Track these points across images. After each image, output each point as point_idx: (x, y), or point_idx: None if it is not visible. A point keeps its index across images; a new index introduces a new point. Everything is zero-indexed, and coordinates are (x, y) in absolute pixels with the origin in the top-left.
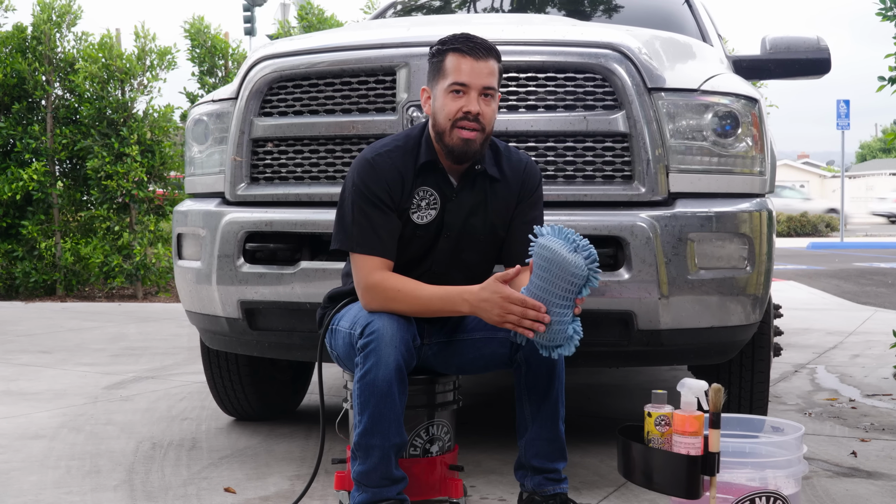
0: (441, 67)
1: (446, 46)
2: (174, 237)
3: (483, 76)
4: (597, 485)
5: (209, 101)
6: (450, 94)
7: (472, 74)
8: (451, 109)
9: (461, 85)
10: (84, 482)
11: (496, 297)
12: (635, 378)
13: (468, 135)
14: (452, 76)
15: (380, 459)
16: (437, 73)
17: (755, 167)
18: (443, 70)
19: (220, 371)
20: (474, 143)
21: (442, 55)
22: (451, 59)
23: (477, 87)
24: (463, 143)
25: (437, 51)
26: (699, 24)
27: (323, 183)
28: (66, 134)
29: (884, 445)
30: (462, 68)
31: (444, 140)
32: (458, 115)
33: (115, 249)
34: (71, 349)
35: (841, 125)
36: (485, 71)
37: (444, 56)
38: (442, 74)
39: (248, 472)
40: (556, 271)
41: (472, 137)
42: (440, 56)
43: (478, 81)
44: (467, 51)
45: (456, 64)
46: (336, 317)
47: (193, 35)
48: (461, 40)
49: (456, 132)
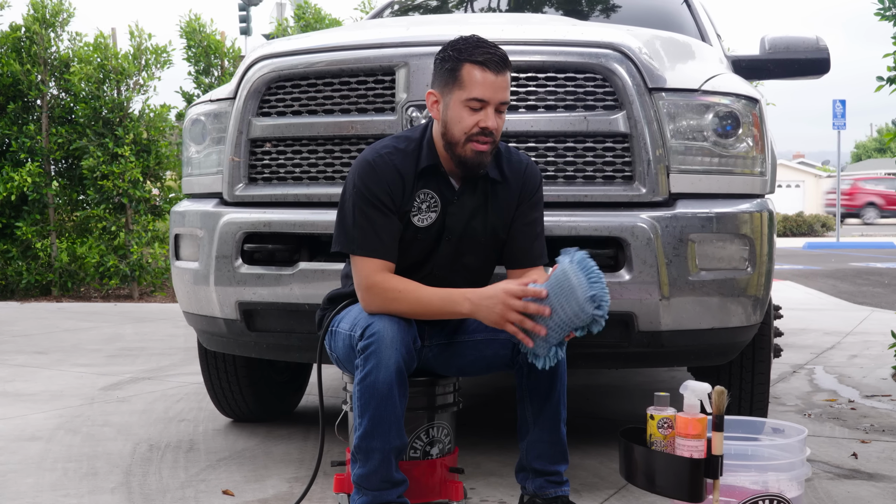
0: (457, 77)
1: (462, 55)
2: (171, 238)
3: (501, 91)
4: (597, 487)
5: (207, 100)
6: (466, 108)
7: (491, 89)
8: (467, 124)
9: (480, 101)
10: (81, 484)
11: (500, 294)
12: (633, 379)
13: (482, 147)
14: (471, 90)
15: (380, 462)
16: (452, 82)
17: (756, 167)
18: (459, 80)
19: (218, 372)
20: (486, 156)
21: (457, 63)
22: (469, 71)
23: (494, 102)
24: (476, 156)
25: (451, 57)
26: (698, 24)
27: (322, 183)
28: (61, 134)
29: (884, 447)
30: (482, 83)
31: (455, 151)
32: (475, 131)
33: (111, 249)
34: (67, 350)
35: (837, 125)
36: (503, 85)
37: (459, 65)
38: (458, 84)
39: (246, 474)
40: (563, 303)
41: (485, 150)
42: (454, 63)
43: (496, 97)
44: (486, 63)
45: (475, 78)
46: (336, 318)
47: (189, 34)
48: (480, 51)
49: (470, 146)
